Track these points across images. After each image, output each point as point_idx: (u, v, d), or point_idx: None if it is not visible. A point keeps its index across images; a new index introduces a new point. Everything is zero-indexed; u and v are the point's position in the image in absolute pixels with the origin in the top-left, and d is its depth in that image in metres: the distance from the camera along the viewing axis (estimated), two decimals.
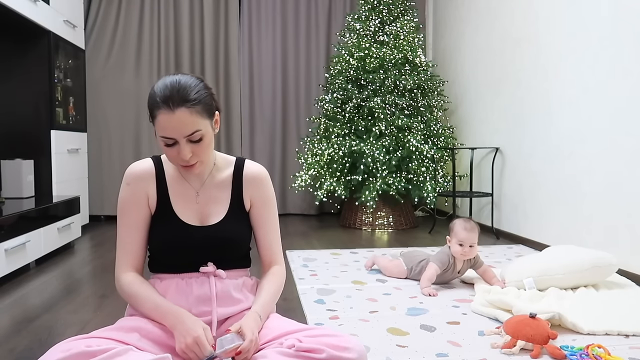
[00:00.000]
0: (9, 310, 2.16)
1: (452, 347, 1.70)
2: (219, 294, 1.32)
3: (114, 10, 4.66)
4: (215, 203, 1.38)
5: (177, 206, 1.35)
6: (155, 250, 1.35)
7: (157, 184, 1.36)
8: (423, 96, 4.36)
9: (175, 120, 1.20)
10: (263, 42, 4.98)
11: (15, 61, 3.51)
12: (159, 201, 1.35)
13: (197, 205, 1.36)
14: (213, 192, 1.38)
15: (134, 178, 1.35)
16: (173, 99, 1.20)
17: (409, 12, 4.51)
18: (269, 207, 1.44)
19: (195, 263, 1.33)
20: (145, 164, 1.38)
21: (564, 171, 3.12)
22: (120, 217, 1.35)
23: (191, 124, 1.21)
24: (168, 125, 1.21)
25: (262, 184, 1.43)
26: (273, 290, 1.39)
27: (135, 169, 1.36)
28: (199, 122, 1.23)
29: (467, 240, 2.31)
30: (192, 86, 1.23)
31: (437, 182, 4.14)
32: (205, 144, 1.26)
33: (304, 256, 3.13)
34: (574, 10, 3.02)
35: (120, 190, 1.36)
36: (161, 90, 1.22)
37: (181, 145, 1.23)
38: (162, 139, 1.23)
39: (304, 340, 1.16)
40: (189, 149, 1.23)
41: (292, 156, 5.01)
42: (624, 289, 2.32)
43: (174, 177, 1.37)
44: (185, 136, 1.22)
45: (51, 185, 3.56)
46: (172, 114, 1.20)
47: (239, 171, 1.42)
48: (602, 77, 2.79)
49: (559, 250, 2.44)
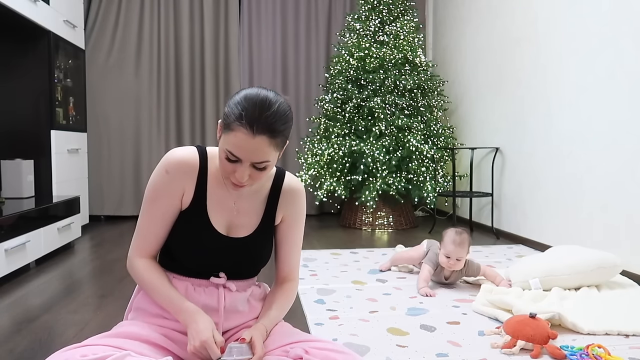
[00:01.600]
0: (9, 310, 2.16)
1: (452, 347, 1.70)
2: (227, 306, 1.29)
3: (114, 10, 4.66)
4: (248, 214, 1.31)
5: (211, 210, 1.27)
6: (174, 246, 1.29)
7: (197, 181, 1.26)
8: (423, 96, 4.36)
9: (252, 145, 1.11)
10: (263, 42, 4.98)
11: (15, 61, 3.51)
12: (194, 200, 1.26)
13: (231, 213, 1.30)
14: (249, 201, 1.31)
15: (176, 168, 1.24)
16: (259, 123, 1.11)
17: (409, 12, 4.51)
18: (299, 224, 1.38)
19: (210, 271, 1.29)
20: (190, 154, 1.26)
21: (564, 171, 3.12)
22: (147, 203, 1.26)
23: (264, 154, 1.14)
24: (242, 147, 1.12)
25: (298, 201, 1.36)
26: (283, 308, 1.36)
27: (179, 157, 1.25)
28: (273, 153, 1.15)
29: (454, 254, 2.32)
30: (283, 115, 1.14)
31: (437, 182, 4.14)
32: (264, 173, 1.19)
33: (304, 256, 3.13)
34: (574, 10, 3.02)
35: (155, 174, 1.25)
36: (251, 106, 1.12)
37: (242, 167, 1.15)
38: (227, 153, 1.14)
39: (310, 351, 1.13)
40: (248, 172, 1.16)
41: (292, 156, 5.01)
42: (625, 289, 2.32)
43: (215, 178, 1.28)
44: (252, 162, 1.15)
45: (51, 185, 3.56)
46: (252, 138, 1.11)
47: (279, 183, 1.35)
48: (602, 77, 2.79)
49: (563, 251, 2.44)
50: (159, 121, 4.79)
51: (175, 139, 4.86)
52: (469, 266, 2.41)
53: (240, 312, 1.31)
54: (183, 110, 4.82)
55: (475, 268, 2.42)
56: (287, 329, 1.31)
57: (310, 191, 4.89)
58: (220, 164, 1.18)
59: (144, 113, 4.74)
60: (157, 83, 4.77)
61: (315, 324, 1.92)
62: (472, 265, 2.42)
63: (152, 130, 4.77)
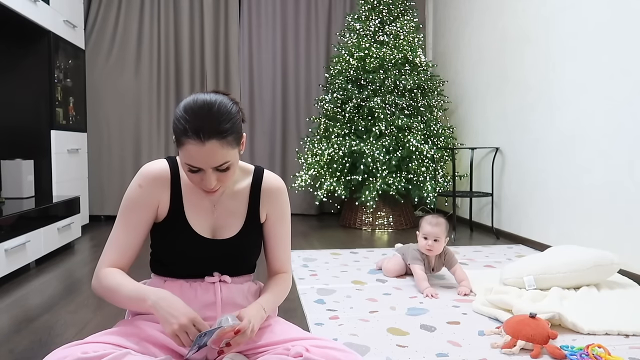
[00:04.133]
0: (9, 310, 2.16)
1: (452, 347, 1.70)
2: (224, 299, 1.30)
3: (114, 10, 4.66)
4: (231, 215, 1.33)
5: (190, 216, 1.29)
6: (162, 257, 1.31)
7: (171, 190, 1.29)
8: (423, 96, 4.36)
9: (205, 152, 1.13)
10: (263, 42, 4.98)
11: (15, 61, 3.51)
12: (171, 209, 1.29)
13: (212, 217, 1.31)
14: (230, 203, 1.33)
15: (148, 182, 1.27)
16: (204, 129, 1.12)
17: (409, 12, 4.51)
18: (284, 221, 1.40)
19: (204, 272, 1.31)
20: (161, 167, 1.29)
21: (564, 170, 3.12)
22: (121, 215, 1.29)
23: (221, 156, 1.15)
24: (196, 156, 1.14)
25: (280, 198, 1.38)
26: (278, 290, 1.37)
27: (151, 171, 1.28)
28: (229, 152, 1.17)
29: (431, 234, 2.38)
30: (225, 113, 1.15)
31: (437, 182, 4.14)
32: (231, 172, 1.21)
33: (304, 256, 3.13)
34: (574, 10, 3.02)
35: (130, 188, 1.29)
36: (191, 116, 1.13)
37: (207, 174, 1.17)
38: (186, 166, 1.17)
39: (311, 349, 1.13)
40: (214, 177, 1.18)
41: (292, 156, 5.01)
42: (625, 288, 2.32)
43: (190, 185, 1.30)
44: (213, 167, 1.17)
45: (51, 185, 3.56)
46: (202, 145, 1.12)
47: (258, 183, 1.36)
48: (602, 76, 2.79)
49: (561, 250, 2.44)
50: (159, 121, 4.79)
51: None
52: (447, 254, 2.46)
53: (237, 305, 1.32)
54: None
55: (453, 259, 2.46)
56: (288, 325, 1.32)
57: (310, 191, 4.89)
58: (188, 178, 1.21)
59: (144, 113, 4.74)
60: (157, 83, 4.77)
61: (315, 324, 1.92)
62: (450, 254, 2.47)
63: (152, 130, 4.77)
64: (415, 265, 2.42)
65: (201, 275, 1.31)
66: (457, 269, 2.43)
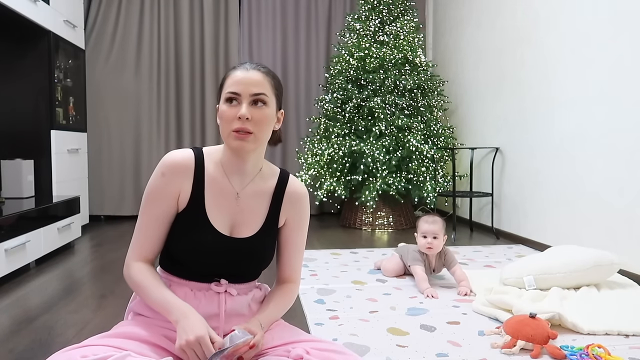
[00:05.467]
0: (9, 310, 2.16)
1: (452, 347, 1.70)
2: (228, 311, 1.27)
3: (114, 10, 4.66)
4: (252, 213, 1.30)
5: (210, 209, 1.27)
6: (174, 249, 1.28)
7: (194, 180, 1.27)
8: (423, 96, 4.36)
9: (248, 77, 1.23)
10: (263, 42, 4.98)
11: (15, 61, 3.51)
12: (191, 200, 1.26)
13: (234, 209, 1.29)
14: (253, 199, 1.31)
15: (171, 169, 1.25)
16: (250, 64, 1.27)
17: (409, 12, 4.51)
18: (302, 228, 1.38)
19: (212, 272, 1.28)
20: (185, 154, 1.28)
21: (564, 171, 3.12)
22: (145, 206, 1.27)
23: (261, 85, 1.23)
24: (239, 81, 1.23)
25: (302, 205, 1.37)
26: (281, 307, 1.34)
27: (174, 159, 1.27)
28: (268, 89, 1.25)
29: (430, 231, 2.39)
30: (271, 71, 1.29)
31: (437, 182, 4.14)
32: (265, 114, 1.23)
33: (304, 256, 3.12)
34: (574, 10, 3.02)
35: (153, 177, 1.27)
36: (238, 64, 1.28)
37: (243, 104, 1.21)
38: (228, 95, 1.23)
39: (311, 352, 1.13)
40: (249, 109, 1.22)
41: (292, 156, 5.01)
42: (625, 289, 2.32)
43: (213, 176, 1.28)
44: (251, 94, 1.22)
45: (51, 185, 3.56)
46: (247, 71, 1.24)
47: (282, 185, 1.35)
48: (602, 76, 2.79)
49: (561, 250, 2.44)
50: (159, 121, 4.79)
51: (175, 139, 4.86)
52: (447, 255, 2.47)
53: (241, 316, 1.30)
54: (183, 110, 4.82)
55: (453, 259, 2.47)
56: (288, 328, 1.31)
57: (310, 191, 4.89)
58: (222, 115, 1.24)
59: (144, 113, 4.74)
60: (157, 83, 4.77)
61: (315, 324, 1.92)
62: (450, 254, 2.48)
63: (152, 130, 4.77)
64: (415, 267, 2.42)
65: (210, 276, 1.28)
66: (457, 269, 2.43)
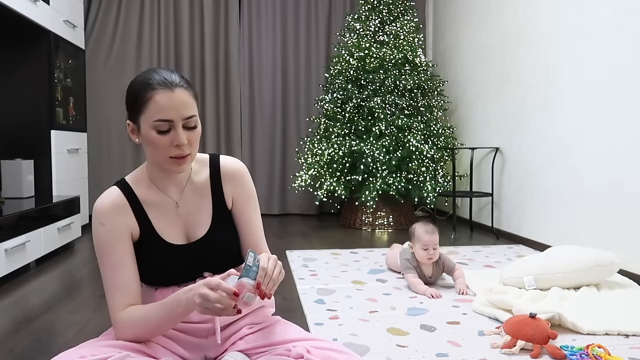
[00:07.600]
0: (9, 310, 2.16)
1: (452, 347, 1.70)
2: None
3: (114, 10, 4.66)
4: (197, 212, 1.30)
5: (160, 228, 1.26)
6: (146, 275, 1.28)
7: (134, 211, 1.25)
8: (423, 96, 4.36)
9: (176, 99, 1.14)
10: (263, 42, 4.98)
11: (16, 61, 3.51)
12: (142, 228, 1.25)
13: (179, 218, 1.28)
14: (193, 200, 1.30)
15: (107, 216, 1.21)
16: (171, 79, 1.15)
17: (409, 12, 4.51)
18: (251, 203, 1.37)
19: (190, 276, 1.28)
20: (112, 195, 1.25)
21: (564, 171, 3.12)
22: (102, 259, 1.22)
23: (190, 106, 1.16)
24: (168, 105, 1.13)
25: (242, 180, 1.35)
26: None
27: (104, 204, 1.23)
28: (194, 107, 1.18)
29: (431, 242, 2.34)
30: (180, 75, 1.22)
31: (437, 182, 4.14)
32: (198, 133, 1.20)
33: (304, 256, 3.13)
34: (574, 10, 3.02)
35: (95, 231, 1.22)
36: (152, 74, 1.17)
37: (178, 130, 1.15)
38: (157, 124, 1.14)
39: (312, 351, 1.13)
40: (185, 134, 1.16)
41: (292, 156, 5.01)
42: (625, 288, 2.32)
43: (149, 197, 1.27)
44: (183, 118, 1.15)
45: (51, 185, 3.56)
46: (172, 92, 1.14)
47: (216, 170, 1.33)
48: (602, 76, 2.79)
49: (561, 250, 2.44)
50: None
51: None
52: (445, 260, 2.43)
53: None
54: None
55: (451, 263, 2.43)
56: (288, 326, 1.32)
57: (310, 191, 4.89)
58: (155, 145, 1.16)
59: None
60: None
61: (315, 324, 1.92)
62: (447, 259, 2.44)
63: None
64: (408, 274, 2.39)
65: (192, 279, 1.28)
66: (457, 269, 2.43)
